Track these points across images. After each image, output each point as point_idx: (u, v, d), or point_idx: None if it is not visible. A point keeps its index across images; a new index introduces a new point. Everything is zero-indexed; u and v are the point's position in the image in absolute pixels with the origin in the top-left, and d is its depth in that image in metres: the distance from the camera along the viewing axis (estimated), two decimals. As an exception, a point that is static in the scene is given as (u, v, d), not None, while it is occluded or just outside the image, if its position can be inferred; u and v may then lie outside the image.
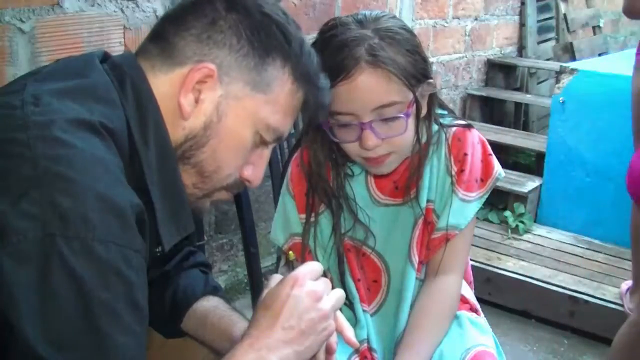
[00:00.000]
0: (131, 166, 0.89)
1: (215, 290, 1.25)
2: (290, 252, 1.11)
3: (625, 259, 2.86)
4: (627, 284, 2.68)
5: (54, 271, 0.73)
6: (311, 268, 0.97)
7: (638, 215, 2.19)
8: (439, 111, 1.34)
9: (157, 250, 0.97)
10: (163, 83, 0.95)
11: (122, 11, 2.16)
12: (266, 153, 1.04)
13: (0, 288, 0.72)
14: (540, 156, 3.69)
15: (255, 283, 1.62)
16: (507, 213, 3.40)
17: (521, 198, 3.43)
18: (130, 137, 0.89)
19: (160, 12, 2.28)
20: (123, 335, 0.76)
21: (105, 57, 0.98)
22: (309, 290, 0.93)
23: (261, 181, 1.05)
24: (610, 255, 3.10)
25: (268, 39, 0.96)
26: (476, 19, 4.30)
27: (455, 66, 4.20)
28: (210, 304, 1.21)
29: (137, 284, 0.79)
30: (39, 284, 0.73)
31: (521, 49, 4.78)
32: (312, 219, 1.35)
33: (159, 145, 0.93)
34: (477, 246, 3.12)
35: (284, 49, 0.97)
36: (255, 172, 1.03)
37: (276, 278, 1.00)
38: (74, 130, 0.80)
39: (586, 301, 2.74)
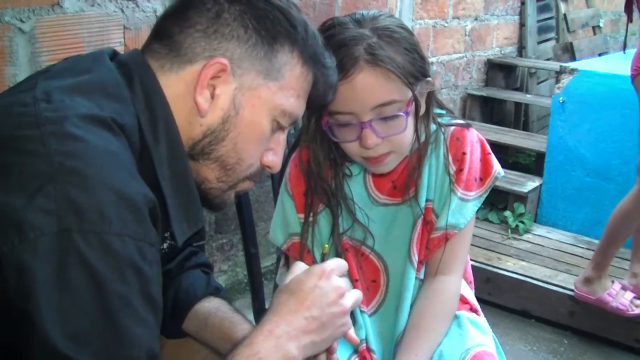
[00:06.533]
0: (142, 162, 0.89)
1: (217, 291, 1.25)
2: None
3: (625, 259, 2.86)
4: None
5: (71, 266, 0.73)
6: (338, 264, 0.99)
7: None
8: (437, 111, 1.34)
9: (163, 247, 0.97)
10: (175, 82, 0.95)
11: (122, 11, 2.16)
12: (282, 137, 1.05)
13: (18, 284, 0.72)
14: (540, 156, 3.69)
15: (255, 283, 1.61)
16: (507, 213, 3.40)
17: (521, 198, 3.43)
18: (140, 133, 0.90)
19: (161, 11, 2.28)
20: (139, 328, 0.77)
21: (113, 55, 0.98)
22: (335, 285, 0.95)
23: (280, 165, 1.07)
24: (610, 255, 3.10)
25: (273, 25, 0.97)
26: (476, 19, 4.30)
27: (455, 66, 4.20)
28: (211, 305, 1.21)
29: (152, 277, 0.80)
30: (57, 279, 0.73)
31: (521, 49, 4.79)
32: (311, 219, 1.35)
33: (169, 142, 0.93)
34: (477, 246, 3.12)
35: (290, 33, 0.98)
36: (274, 158, 1.04)
37: (300, 266, 1.02)
38: (86, 126, 0.81)
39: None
